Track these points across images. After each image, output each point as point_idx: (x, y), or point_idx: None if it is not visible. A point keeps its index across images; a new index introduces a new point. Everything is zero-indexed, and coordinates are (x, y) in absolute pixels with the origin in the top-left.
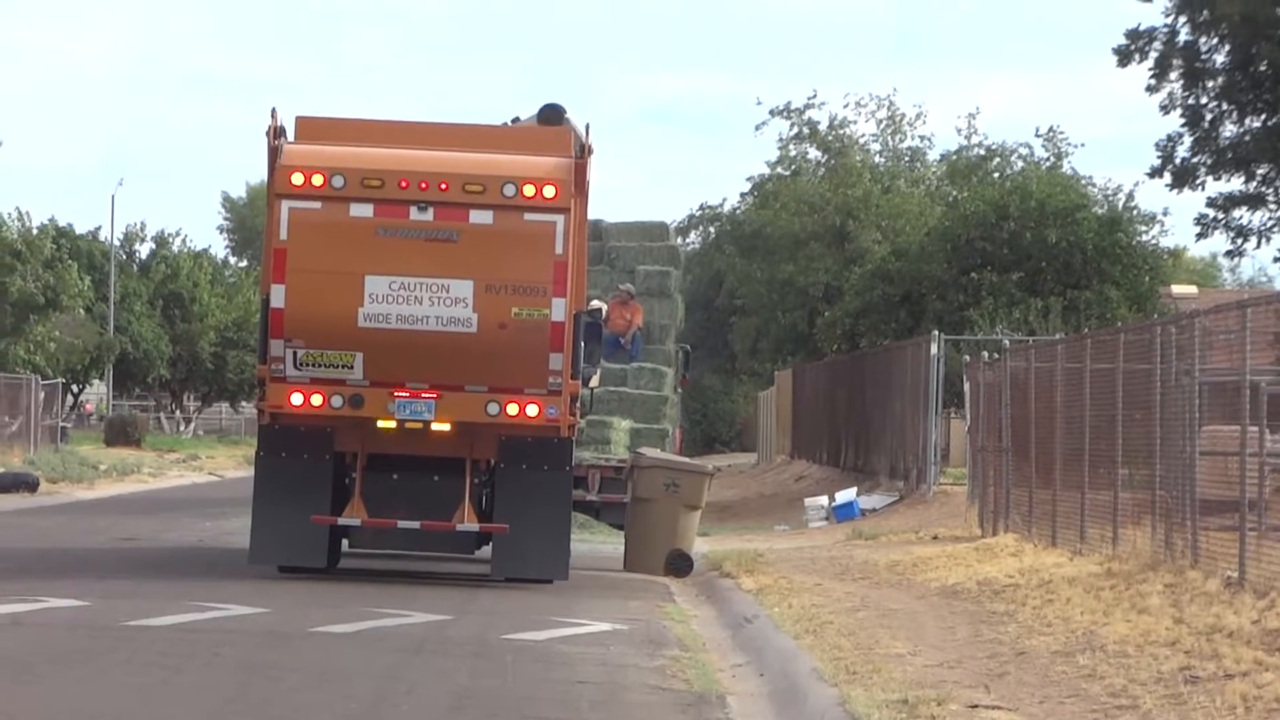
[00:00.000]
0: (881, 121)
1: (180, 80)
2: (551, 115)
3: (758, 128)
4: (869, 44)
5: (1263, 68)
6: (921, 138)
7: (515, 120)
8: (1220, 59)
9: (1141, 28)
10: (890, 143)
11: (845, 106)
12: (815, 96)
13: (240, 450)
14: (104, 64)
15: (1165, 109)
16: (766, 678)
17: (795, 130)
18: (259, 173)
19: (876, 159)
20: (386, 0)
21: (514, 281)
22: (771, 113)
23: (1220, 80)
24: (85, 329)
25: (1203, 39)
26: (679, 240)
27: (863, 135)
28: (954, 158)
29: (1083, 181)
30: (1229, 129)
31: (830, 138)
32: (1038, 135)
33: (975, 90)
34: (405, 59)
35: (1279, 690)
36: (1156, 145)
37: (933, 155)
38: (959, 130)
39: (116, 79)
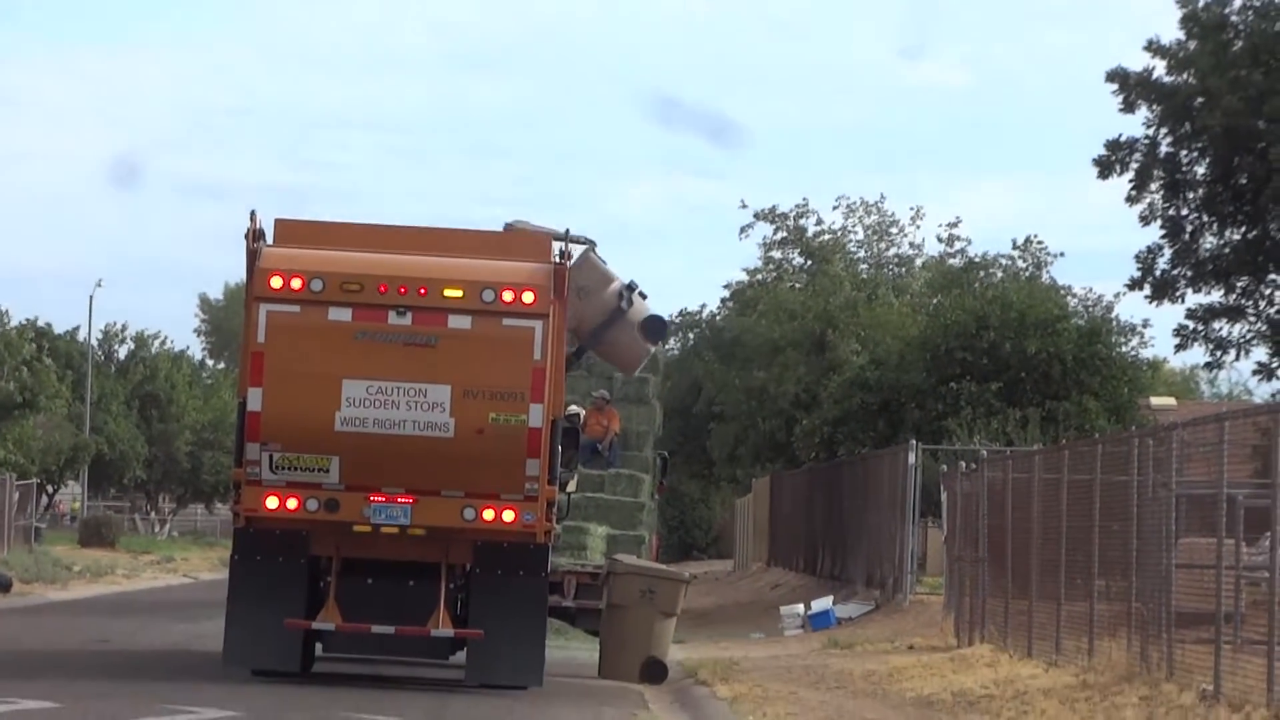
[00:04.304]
0: (869, 227)
1: (160, 183)
2: (657, 329)
3: (742, 230)
4: (850, 152)
5: (1243, 180)
6: (912, 245)
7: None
8: (1201, 171)
9: (1122, 139)
10: (876, 249)
11: (835, 209)
12: (806, 204)
13: (215, 552)
14: (84, 166)
15: (1145, 220)
16: None
17: (781, 235)
18: (237, 275)
19: (861, 266)
20: (367, 106)
21: (492, 387)
22: (756, 216)
23: (1200, 192)
24: (61, 429)
25: (1183, 151)
26: (659, 344)
27: (851, 241)
28: (936, 262)
29: (1063, 292)
30: (1209, 241)
31: (816, 244)
32: (1015, 247)
33: (957, 200)
34: (386, 164)
35: None
36: (1136, 257)
37: (919, 262)
38: (940, 239)
39: (96, 181)
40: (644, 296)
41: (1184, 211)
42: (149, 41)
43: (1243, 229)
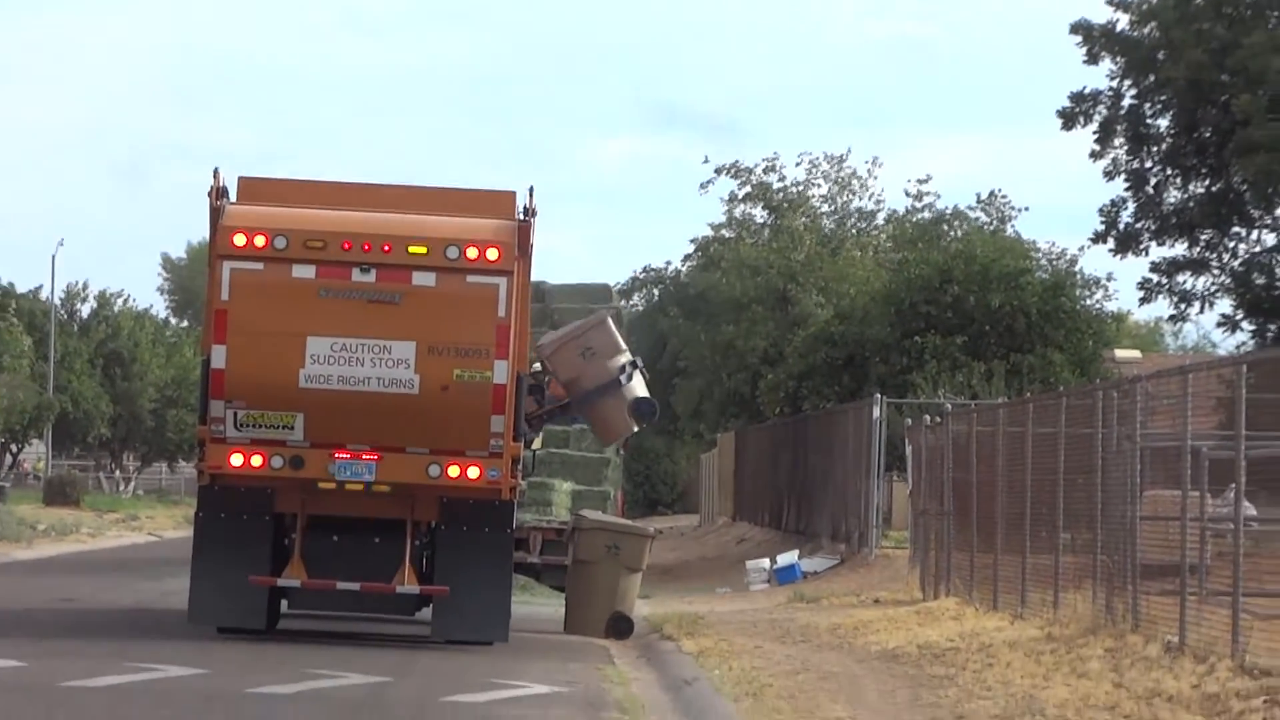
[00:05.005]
0: (832, 180)
1: (123, 142)
2: (647, 412)
3: (703, 185)
4: (818, 109)
5: (1207, 133)
6: (876, 200)
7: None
8: (1164, 124)
9: (1086, 90)
10: (839, 203)
11: (798, 165)
12: (775, 157)
13: (180, 510)
14: (46, 126)
15: (1109, 174)
16: None
17: (745, 190)
18: (200, 233)
19: (824, 221)
20: (331, 65)
21: (456, 343)
22: (718, 171)
23: (1164, 145)
24: (25, 388)
25: (1147, 104)
26: (622, 302)
27: (814, 196)
28: (901, 218)
29: (1027, 246)
30: (1173, 194)
31: (780, 197)
32: (979, 201)
33: (926, 155)
34: (351, 123)
35: None
36: (1100, 210)
37: (881, 217)
38: (908, 193)
39: (59, 141)
40: (645, 376)
41: (1148, 165)
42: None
43: (1206, 182)
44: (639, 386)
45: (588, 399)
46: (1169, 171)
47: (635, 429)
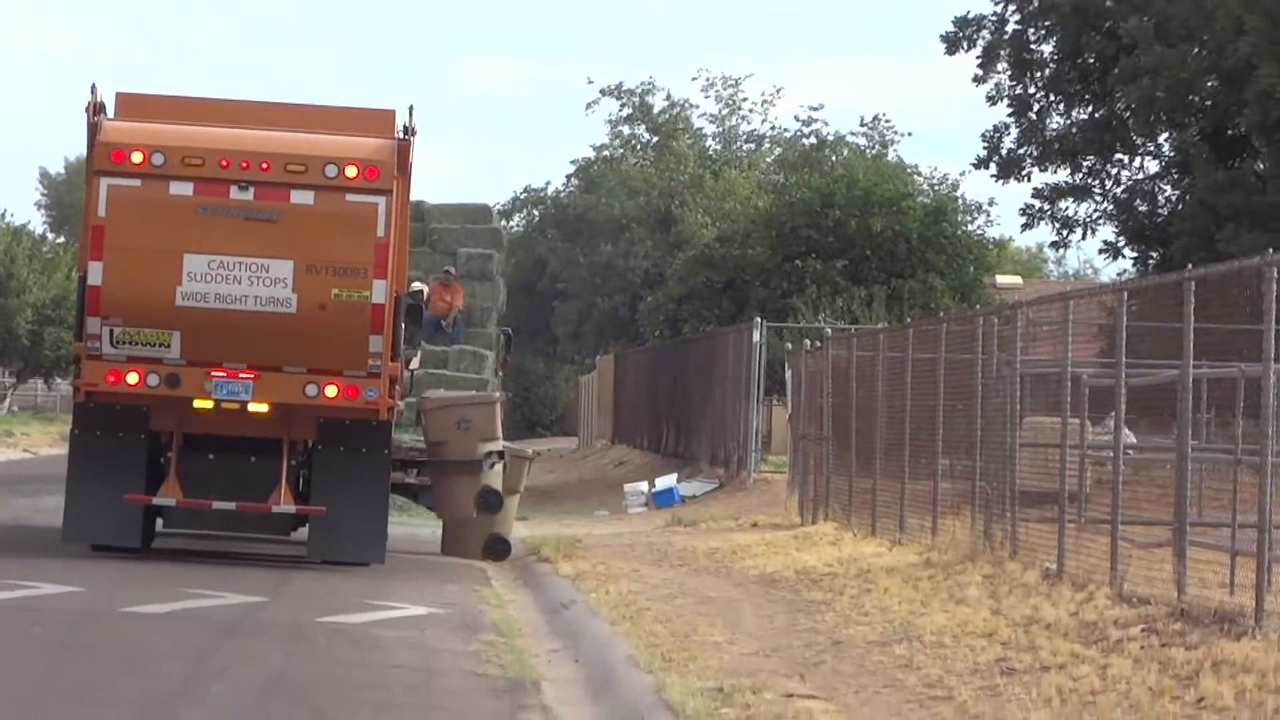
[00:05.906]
0: (724, 101)
1: None
2: (490, 503)
3: (588, 106)
4: (709, 32)
5: (1091, 59)
6: (772, 126)
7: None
8: (1048, 50)
9: (970, 15)
10: (727, 126)
11: (694, 80)
12: (652, 81)
13: (55, 427)
14: None
15: (992, 100)
16: (582, 664)
17: (628, 111)
18: (78, 149)
19: (709, 142)
20: None
21: (334, 262)
22: (602, 92)
23: (1048, 71)
24: None
25: (1031, 29)
26: (502, 223)
27: (702, 114)
28: (787, 140)
29: (909, 171)
30: (1056, 120)
31: (664, 119)
32: (862, 124)
33: (813, 81)
34: (231, 39)
35: (1094, 683)
36: (983, 135)
37: (767, 142)
38: (798, 119)
39: None
40: (505, 468)
41: (1031, 90)
42: None
43: (1089, 108)
44: (494, 478)
45: (444, 468)
46: (1052, 97)
47: (474, 514)
